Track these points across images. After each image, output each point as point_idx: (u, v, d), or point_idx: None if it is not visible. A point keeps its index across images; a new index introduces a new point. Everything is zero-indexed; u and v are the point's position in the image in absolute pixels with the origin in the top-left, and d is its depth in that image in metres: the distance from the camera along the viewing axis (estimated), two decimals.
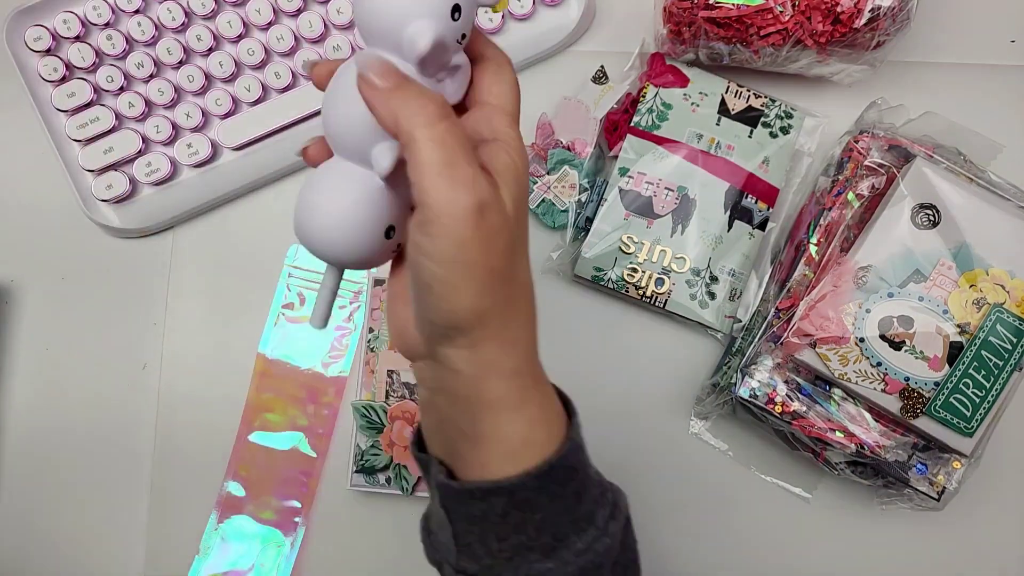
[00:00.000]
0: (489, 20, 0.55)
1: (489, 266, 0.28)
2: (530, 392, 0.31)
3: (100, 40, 0.54)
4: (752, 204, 0.53)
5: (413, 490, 0.52)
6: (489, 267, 0.28)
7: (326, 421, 0.54)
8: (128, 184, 0.54)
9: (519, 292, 0.30)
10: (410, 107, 0.27)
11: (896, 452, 0.48)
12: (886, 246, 0.48)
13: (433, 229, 0.27)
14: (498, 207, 0.28)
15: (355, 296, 0.55)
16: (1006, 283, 0.47)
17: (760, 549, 0.53)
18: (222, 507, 0.54)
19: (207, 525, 0.54)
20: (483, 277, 0.28)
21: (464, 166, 0.27)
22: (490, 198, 0.28)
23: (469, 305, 0.28)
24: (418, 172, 0.27)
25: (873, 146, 0.50)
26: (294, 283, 0.56)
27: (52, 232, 0.57)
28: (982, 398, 0.46)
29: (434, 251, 0.28)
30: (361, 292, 0.55)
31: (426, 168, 0.27)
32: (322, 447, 0.54)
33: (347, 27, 0.55)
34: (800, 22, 0.49)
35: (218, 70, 0.54)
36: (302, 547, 0.53)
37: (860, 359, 0.47)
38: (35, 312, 0.56)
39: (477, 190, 0.27)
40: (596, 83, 0.56)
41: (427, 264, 0.28)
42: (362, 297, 0.55)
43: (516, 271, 0.30)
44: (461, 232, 0.27)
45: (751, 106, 0.54)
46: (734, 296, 0.53)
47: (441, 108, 0.28)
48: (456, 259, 0.27)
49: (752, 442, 0.54)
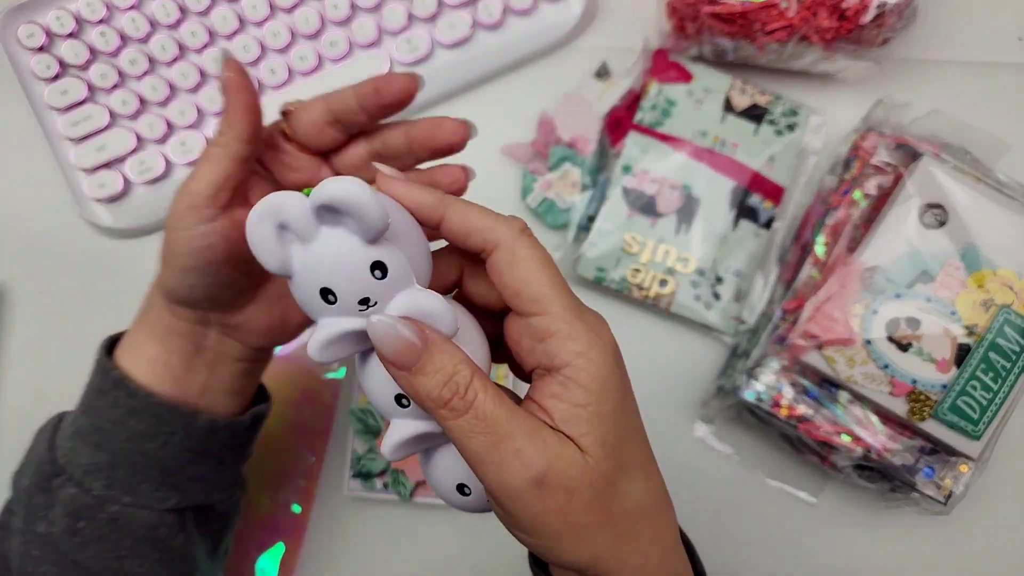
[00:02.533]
0: (488, 15, 0.54)
1: (576, 525, 0.26)
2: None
3: (93, 37, 0.53)
4: (758, 203, 0.52)
5: (411, 495, 0.51)
6: (577, 525, 0.26)
7: (322, 423, 0.54)
8: (121, 183, 0.53)
9: (633, 520, 0.28)
10: (431, 394, 0.25)
11: (903, 456, 0.47)
12: (893, 246, 0.47)
13: (502, 506, 0.26)
14: (567, 463, 0.26)
15: None
16: (1014, 284, 0.46)
17: (766, 553, 0.53)
18: None
19: None
20: (574, 535, 0.26)
21: (505, 443, 0.25)
22: (548, 464, 0.25)
23: (571, 559, 0.27)
24: (465, 456, 0.26)
25: (880, 144, 0.50)
26: None
27: (44, 231, 0.56)
28: (990, 401, 0.45)
29: (512, 523, 0.27)
30: None
31: (469, 457, 0.26)
32: (319, 449, 0.53)
33: (343, 23, 0.54)
34: (805, 18, 0.48)
35: (213, 67, 0.54)
36: (300, 551, 0.53)
37: (867, 361, 0.46)
38: (27, 312, 0.56)
39: (529, 466, 0.25)
40: (598, 79, 0.55)
41: (514, 532, 0.27)
42: None
43: (622, 503, 0.27)
44: (526, 508, 0.26)
45: (756, 103, 0.53)
46: (739, 297, 0.52)
47: (465, 389, 0.25)
48: (536, 530, 0.26)
49: (758, 446, 0.53)
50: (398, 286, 0.26)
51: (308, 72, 0.54)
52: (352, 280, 0.26)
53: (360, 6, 0.54)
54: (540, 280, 0.27)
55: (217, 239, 0.33)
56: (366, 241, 0.25)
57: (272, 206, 0.25)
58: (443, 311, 0.26)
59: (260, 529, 0.53)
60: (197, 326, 0.37)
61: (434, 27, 0.54)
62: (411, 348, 0.25)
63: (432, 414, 0.26)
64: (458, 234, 0.28)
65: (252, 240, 0.26)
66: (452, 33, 0.54)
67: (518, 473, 0.25)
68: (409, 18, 0.54)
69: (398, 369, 0.26)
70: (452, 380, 0.25)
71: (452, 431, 0.26)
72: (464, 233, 0.28)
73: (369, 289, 0.26)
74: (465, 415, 0.25)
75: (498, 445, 0.25)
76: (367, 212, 0.24)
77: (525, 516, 0.26)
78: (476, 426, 0.25)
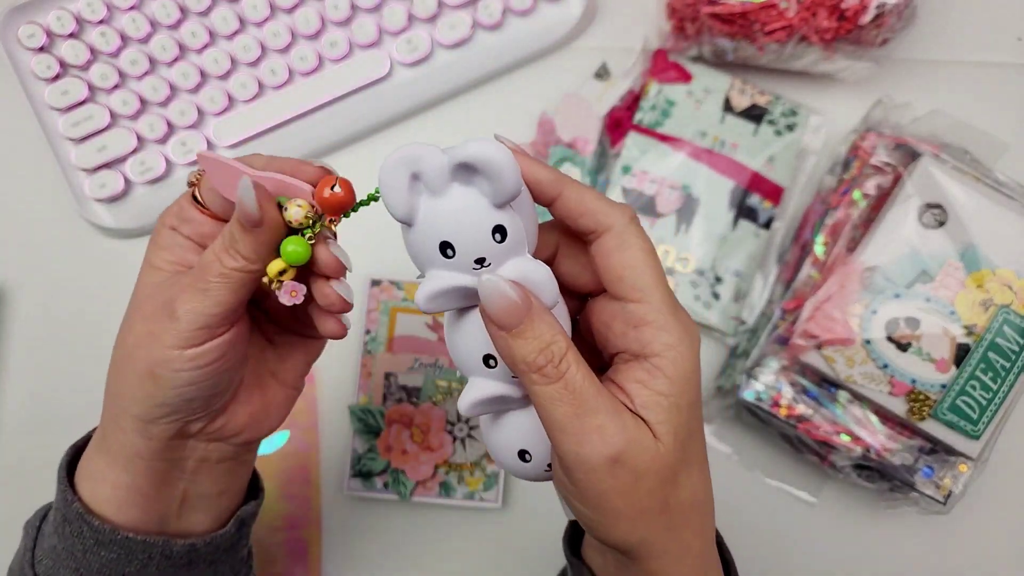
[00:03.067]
0: (488, 15, 0.54)
1: (637, 507, 0.27)
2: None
3: (94, 37, 0.53)
4: (757, 203, 0.52)
5: (411, 495, 0.51)
6: (637, 508, 0.27)
7: (308, 413, 0.53)
8: (122, 183, 0.53)
9: (685, 511, 0.29)
10: (527, 358, 0.26)
11: (902, 455, 0.47)
12: (893, 246, 0.47)
13: (571, 476, 0.27)
14: (641, 447, 0.27)
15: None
16: (1013, 283, 0.46)
17: (765, 553, 0.53)
18: None
19: None
20: (632, 516, 0.27)
21: (590, 417, 0.26)
22: (624, 444, 0.26)
23: (622, 539, 0.28)
24: (545, 422, 0.27)
25: (879, 144, 0.50)
26: None
27: (45, 231, 0.56)
28: (989, 400, 0.45)
29: (576, 494, 0.27)
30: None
31: (549, 422, 0.26)
32: (312, 438, 0.53)
33: (343, 23, 0.54)
34: (805, 18, 0.48)
35: (213, 67, 0.54)
36: (305, 549, 0.53)
37: (866, 361, 0.46)
38: (27, 312, 0.56)
39: (609, 443, 0.26)
40: (598, 79, 0.55)
41: (572, 501, 0.28)
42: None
43: (679, 494, 0.28)
44: (597, 484, 0.26)
45: (755, 103, 0.53)
46: (739, 297, 0.52)
47: (560, 359, 0.26)
48: (598, 504, 0.27)
49: (757, 446, 0.53)
50: (512, 252, 0.27)
51: (308, 72, 0.54)
52: (474, 239, 0.27)
53: (360, 6, 0.54)
54: (644, 269, 0.28)
55: (228, 348, 0.30)
56: (494, 205, 0.26)
57: (410, 156, 0.26)
58: (548, 283, 0.28)
59: (284, 529, 0.53)
60: (174, 441, 0.32)
61: (434, 27, 0.55)
62: (516, 310, 0.26)
63: (523, 378, 0.27)
64: (572, 212, 0.29)
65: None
66: (452, 33, 0.54)
67: (597, 448, 0.26)
68: (409, 18, 0.54)
69: (499, 329, 0.26)
70: (548, 348, 0.26)
71: (539, 397, 0.26)
72: (578, 213, 0.29)
73: (487, 250, 0.27)
74: (556, 383, 0.26)
75: (582, 417, 0.26)
76: (505, 177, 0.26)
77: (593, 490, 0.27)
78: (564, 396, 0.26)
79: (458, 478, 0.51)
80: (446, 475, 0.51)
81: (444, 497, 0.51)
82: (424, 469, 0.51)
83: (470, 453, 0.52)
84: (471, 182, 0.26)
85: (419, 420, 0.52)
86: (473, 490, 0.51)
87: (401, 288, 0.54)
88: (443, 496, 0.51)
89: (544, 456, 0.31)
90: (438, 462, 0.51)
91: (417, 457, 0.51)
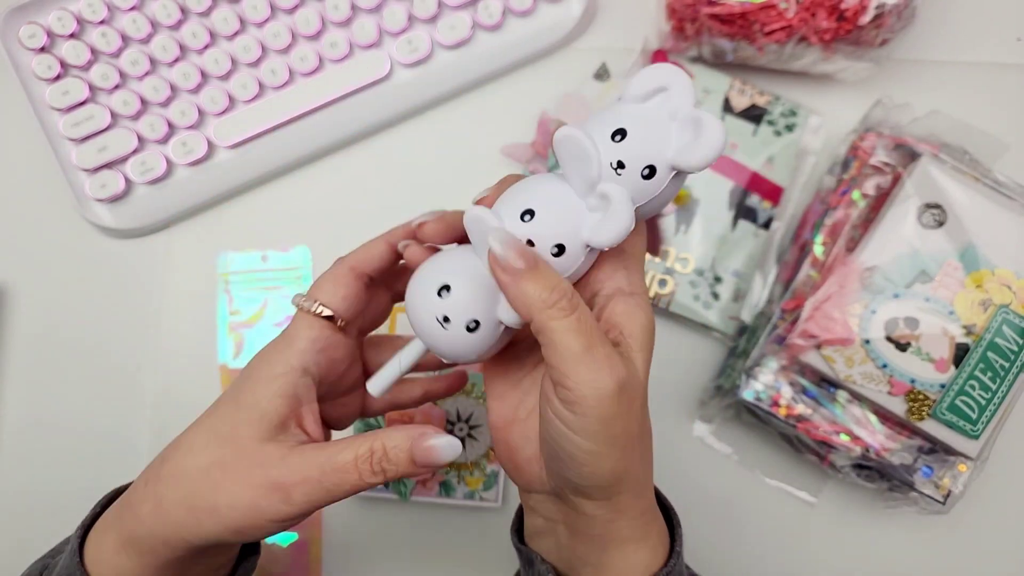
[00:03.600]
0: (488, 16, 0.54)
1: (629, 433, 0.29)
2: (651, 523, 0.33)
3: (95, 37, 0.53)
4: (757, 203, 0.52)
5: (410, 494, 0.51)
6: (629, 434, 0.29)
7: None
8: (123, 183, 0.54)
9: (648, 441, 0.32)
10: (542, 295, 0.28)
11: (901, 455, 0.47)
12: (892, 246, 0.47)
13: (578, 408, 0.28)
14: (633, 377, 0.29)
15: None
16: (1012, 283, 0.47)
17: (765, 553, 0.53)
18: None
19: None
20: (624, 443, 0.29)
21: (600, 347, 0.28)
22: (627, 373, 0.28)
23: (611, 469, 0.30)
24: (556, 357, 0.28)
25: (878, 145, 0.50)
26: (234, 288, 0.55)
27: (46, 231, 0.56)
28: (988, 400, 0.45)
29: (580, 427, 0.29)
30: None
31: (564, 354, 0.28)
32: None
33: (344, 24, 0.54)
34: (804, 19, 0.48)
35: (213, 67, 0.54)
36: (306, 548, 0.53)
37: (865, 361, 0.46)
38: (28, 312, 0.56)
39: (616, 370, 0.28)
40: (598, 80, 0.55)
41: (572, 437, 0.29)
42: None
43: (645, 422, 0.32)
44: (605, 411, 0.28)
45: (755, 104, 0.53)
46: (738, 297, 0.52)
47: (571, 296, 0.28)
48: (600, 433, 0.29)
49: (757, 445, 0.53)
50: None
51: (309, 73, 0.54)
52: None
53: (360, 7, 0.54)
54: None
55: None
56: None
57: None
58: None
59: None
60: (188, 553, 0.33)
61: (434, 28, 0.55)
62: (527, 253, 0.28)
63: (536, 318, 0.28)
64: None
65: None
66: (452, 34, 0.54)
67: (609, 375, 0.28)
68: (409, 19, 0.54)
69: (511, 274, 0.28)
70: (560, 285, 0.28)
71: (557, 332, 0.28)
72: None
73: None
74: (571, 315, 0.28)
75: (594, 347, 0.28)
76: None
77: (596, 420, 0.28)
78: (579, 327, 0.28)
79: (458, 478, 0.51)
80: (446, 475, 0.51)
81: (444, 497, 0.51)
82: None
83: (470, 453, 0.52)
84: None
85: (419, 420, 0.52)
86: (473, 489, 0.51)
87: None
88: (443, 496, 0.51)
89: (468, 300, 0.30)
90: None
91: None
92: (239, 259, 0.55)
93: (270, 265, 0.55)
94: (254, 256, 0.56)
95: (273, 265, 0.55)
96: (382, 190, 0.56)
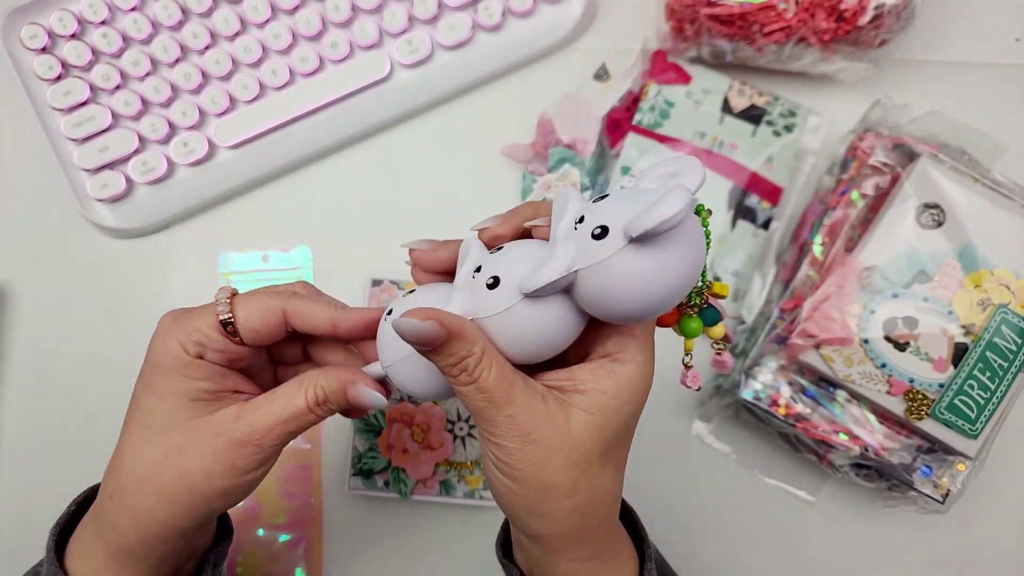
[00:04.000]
0: (488, 17, 0.54)
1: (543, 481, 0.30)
2: (616, 544, 0.34)
3: (96, 38, 0.53)
4: (756, 203, 0.52)
5: (411, 493, 0.51)
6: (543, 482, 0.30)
7: None
8: (124, 183, 0.54)
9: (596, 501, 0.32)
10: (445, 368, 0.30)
11: (900, 454, 0.47)
12: (891, 246, 0.47)
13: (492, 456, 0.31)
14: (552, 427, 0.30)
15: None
16: (1011, 283, 0.47)
17: (764, 552, 0.53)
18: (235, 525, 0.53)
19: None
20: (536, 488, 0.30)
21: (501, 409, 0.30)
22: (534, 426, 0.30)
23: (526, 507, 0.31)
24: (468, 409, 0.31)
25: (877, 145, 0.50)
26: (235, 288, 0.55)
27: (47, 232, 0.56)
28: (987, 400, 0.45)
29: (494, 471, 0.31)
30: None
31: (470, 410, 0.30)
32: (312, 435, 0.53)
33: (344, 24, 0.54)
34: (803, 19, 0.48)
35: (215, 68, 0.54)
36: (307, 547, 0.53)
37: (864, 360, 0.46)
38: (30, 312, 0.56)
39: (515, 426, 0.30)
40: (598, 80, 0.55)
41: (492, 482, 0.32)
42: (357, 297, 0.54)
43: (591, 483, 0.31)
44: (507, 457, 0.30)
45: (754, 104, 0.53)
46: (737, 297, 0.53)
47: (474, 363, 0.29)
48: (508, 473, 0.31)
49: (756, 445, 0.53)
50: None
51: (309, 73, 0.54)
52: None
53: (361, 8, 0.54)
54: None
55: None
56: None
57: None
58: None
59: (278, 529, 0.53)
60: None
61: (434, 29, 0.55)
62: (431, 340, 0.29)
63: (449, 380, 0.30)
64: None
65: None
66: (452, 35, 0.54)
67: (507, 431, 0.30)
68: (410, 20, 0.54)
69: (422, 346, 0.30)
70: (463, 361, 0.29)
71: (458, 392, 0.30)
72: None
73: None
74: (469, 386, 0.30)
75: (491, 409, 0.30)
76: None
77: (506, 462, 0.30)
78: (477, 395, 0.30)
79: (458, 477, 0.52)
80: (446, 474, 0.52)
81: (445, 496, 0.52)
82: (424, 468, 0.51)
83: (470, 452, 0.52)
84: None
85: (420, 419, 0.52)
86: (473, 488, 0.52)
87: (401, 288, 0.54)
88: (444, 495, 0.52)
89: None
90: (438, 461, 0.51)
91: (418, 456, 0.51)
92: (240, 259, 0.56)
93: (271, 265, 0.56)
94: (255, 256, 0.56)
95: (274, 265, 0.56)
96: (382, 190, 0.56)
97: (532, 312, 0.29)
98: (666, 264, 0.27)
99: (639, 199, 0.27)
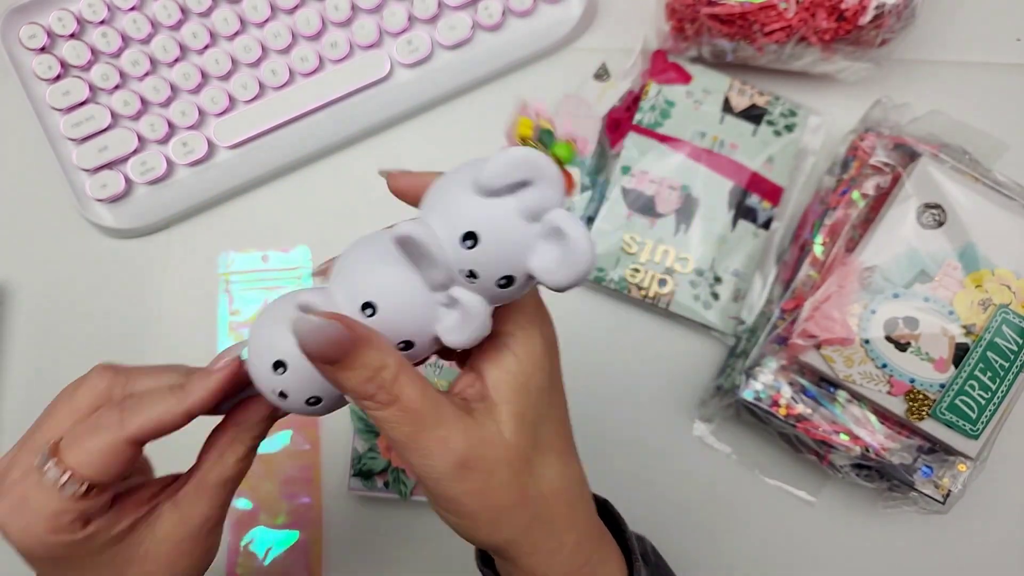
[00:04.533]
0: (488, 16, 0.54)
1: (494, 505, 0.27)
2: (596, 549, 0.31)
3: (95, 38, 0.53)
4: (756, 203, 0.52)
5: (411, 494, 0.51)
6: (494, 506, 0.27)
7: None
8: (123, 183, 0.54)
9: (548, 502, 0.29)
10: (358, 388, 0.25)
11: (901, 455, 0.47)
12: (891, 246, 0.47)
13: (426, 488, 0.27)
14: (487, 444, 0.27)
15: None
16: (1012, 283, 0.47)
17: (764, 552, 0.53)
18: (235, 526, 0.53)
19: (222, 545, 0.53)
20: (491, 516, 0.27)
21: (430, 431, 0.26)
22: (469, 447, 0.26)
23: (485, 539, 0.28)
24: (390, 443, 0.27)
25: (878, 145, 0.50)
26: (234, 288, 0.55)
27: (46, 231, 0.56)
28: (988, 400, 0.45)
29: (435, 504, 0.28)
30: None
31: (394, 444, 0.26)
32: (312, 436, 0.53)
33: (344, 24, 0.54)
34: (804, 19, 0.48)
35: (214, 67, 0.54)
36: (307, 547, 0.53)
37: (865, 361, 0.46)
38: (28, 312, 0.56)
39: (450, 450, 0.26)
40: (598, 80, 0.55)
41: (439, 511, 0.28)
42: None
43: (537, 484, 0.29)
44: (447, 491, 0.27)
45: (755, 104, 0.53)
46: (738, 297, 0.52)
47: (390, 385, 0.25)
48: (457, 511, 0.27)
49: (756, 445, 0.53)
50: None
51: (309, 73, 0.54)
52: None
53: (361, 7, 0.54)
54: None
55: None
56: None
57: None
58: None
59: (280, 528, 0.53)
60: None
61: (434, 28, 0.55)
62: (337, 345, 0.24)
63: (358, 405, 0.26)
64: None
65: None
66: (452, 34, 0.54)
67: (442, 458, 0.26)
68: (410, 19, 0.54)
69: (324, 364, 0.25)
70: (378, 375, 0.25)
71: (377, 421, 0.26)
72: None
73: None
74: (390, 407, 0.25)
75: (421, 433, 0.26)
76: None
77: (446, 497, 0.27)
78: (401, 417, 0.25)
79: None
80: None
81: None
82: None
83: None
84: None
85: None
86: None
87: None
88: None
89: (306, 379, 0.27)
90: None
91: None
92: (240, 259, 0.56)
93: (271, 265, 0.56)
94: (255, 256, 0.56)
95: (274, 265, 0.56)
96: (382, 190, 0.56)
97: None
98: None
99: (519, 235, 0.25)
